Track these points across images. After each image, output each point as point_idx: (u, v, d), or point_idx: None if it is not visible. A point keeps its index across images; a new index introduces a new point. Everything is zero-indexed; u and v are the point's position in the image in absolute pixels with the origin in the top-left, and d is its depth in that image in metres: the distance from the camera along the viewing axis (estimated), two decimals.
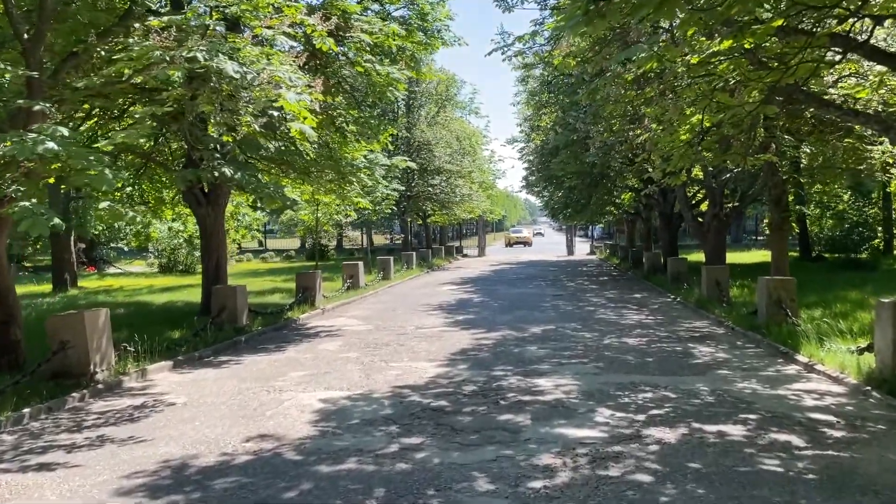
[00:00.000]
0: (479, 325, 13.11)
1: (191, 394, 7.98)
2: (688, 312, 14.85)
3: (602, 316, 14.39)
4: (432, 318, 14.31)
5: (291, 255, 40.11)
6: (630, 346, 10.68)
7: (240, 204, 21.35)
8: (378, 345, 11.18)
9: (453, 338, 11.68)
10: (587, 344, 10.87)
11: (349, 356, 10.21)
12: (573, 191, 25.01)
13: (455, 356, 10.01)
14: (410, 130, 32.56)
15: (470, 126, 39.73)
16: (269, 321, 13.48)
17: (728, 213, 19.06)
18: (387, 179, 26.56)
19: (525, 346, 10.70)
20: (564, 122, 18.36)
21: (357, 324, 13.84)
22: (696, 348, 10.44)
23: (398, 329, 12.88)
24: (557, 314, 14.74)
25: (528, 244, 62.99)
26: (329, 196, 17.34)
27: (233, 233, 23.84)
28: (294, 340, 11.91)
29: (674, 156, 9.16)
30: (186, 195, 14.17)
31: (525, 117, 28.04)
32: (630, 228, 36.40)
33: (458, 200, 33.84)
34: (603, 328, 12.60)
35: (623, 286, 21.45)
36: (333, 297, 17.59)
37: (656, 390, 7.64)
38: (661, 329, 12.43)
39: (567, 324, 13.16)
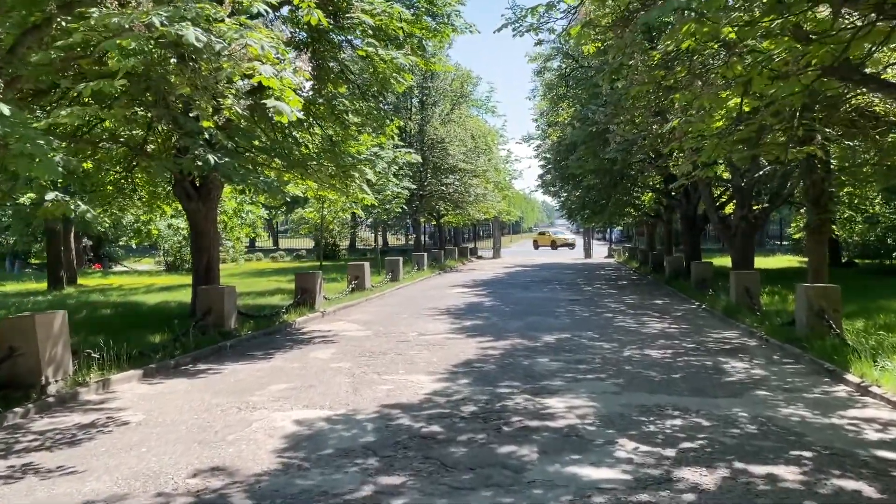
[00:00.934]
0: (488, 333, 12.06)
1: (151, 410, 7.00)
2: (715, 321, 13.69)
3: (621, 324, 13.27)
4: (437, 324, 13.27)
5: (302, 254, 39.27)
6: (653, 359, 9.57)
7: (243, 201, 20.51)
8: (374, 353, 10.16)
9: (457, 346, 10.64)
10: (605, 356, 9.78)
11: (340, 366, 9.20)
12: (591, 190, 23.84)
13: (457, 368, 8.96)
14: (424, 127, 31.58)
15: (485, 125, 38.66)
16: (262, 325, 12.52)
17: (757, 215, 17.85)
18: (397, 177, 25.67)
19: (536, 358, 9.63)
20: (583, 117, 17.24)
21: (356, 329, 12.84)
22: (728, 363, 9.31)
23: (399, 335, 11.86)
24: (573, 321, 13.64)
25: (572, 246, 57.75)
26: (332, 192, 16.36)
27: (237, 230, 23.02)
28: (284, 347, 10.93)
29: (706, 146, 8.06)
30: (176, 189, 13.28)
31: (541, 112, 26.87)
32: (650, 231, 35.14)
33: (472, 200, 32.77)
34: (622, 337, 11.50)
35: (643, 291, 20.28)
36: (336, 300, 16.62)
37: (686, 415, 6.54)
38: (687, 339, 11.31)
39: (583, 332, 12.06)
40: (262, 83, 7.64)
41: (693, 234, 23.87)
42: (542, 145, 28.48)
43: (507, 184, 48.45)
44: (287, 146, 12.27)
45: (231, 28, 6.78)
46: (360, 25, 12.05)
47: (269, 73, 6.68)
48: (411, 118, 32.15)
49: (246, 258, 36.81)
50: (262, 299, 16.94)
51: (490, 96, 52.34)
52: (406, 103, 31.97)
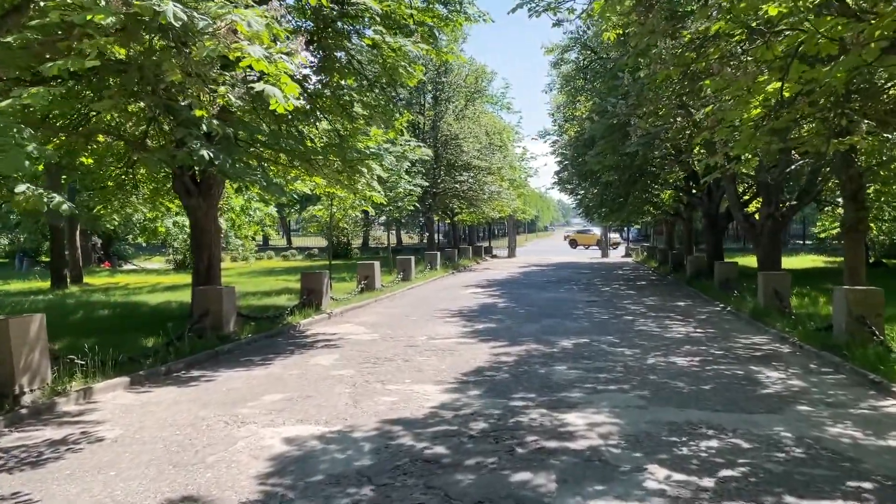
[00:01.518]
0: (501, 337, 11.38)
1: (131, 424, 6.40)
2: (742, 325, 12.92)
3: (643, 327, 12.54)
4: (448, 327, 12.61)
5: (315, 253, 38.76)
6: (680, 367, 8.85)
7: (251, 198, 19.98)
8: (380, 360, 9.52)
9: (469, 352, 9.97)
10: (627, 364, 9.07)
11: (342, 374, 8.57)
12: (610, 187, 23.05)
13: (467, 377, 8.29)
14: (437, 124, 30.91)
15: (501, 121, 37.91)
16: (264, 327, 11.92)
17: (784, 213, 17.02)
18: (409, 174, 25.05)
19: (553, 366, 8.94)
20: (602, 110, 16.51)
21: (362, 332, 12.21)
22: (762, 372, 8.57)
23: (407, 339, 11.21)
24: (591, 324, 12.93)
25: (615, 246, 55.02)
26: (340, 189, 15.74)
27: (245, 229, 22.50)
28: (285, 352, 10.31)
29: (741, 136, 7.33)
30: (176, 184, 12.72)
31: (558, 106, 26.09)
32: (669, 230, 34.26)
33: (486, 198, 32.04)
34: (645, 343, 10.78)
35: (664, 292, 19.50)
36: (344, 300, 16.01)
37: (723, 435, 5.83)
38: (715, 345, 10.57)
39: (602, 337, 11.36)
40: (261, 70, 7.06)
41: (715, 232, 23.03)
42: (559, 141, 27.70)
43: (522, 182, 47.67)
44: (290, 139, 11.65)
45: (216, 3, 6.16)
46: (367, 12, 11.43)
47: (259, 55, 6.05)
48: (424, 114, 31.50)
49: (257, 257, 36.37)
50: (267, 300, 16.37)
51: (505, 92, 51.62)
52: (419, 99, 31.32)
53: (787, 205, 17.06)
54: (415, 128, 31.35)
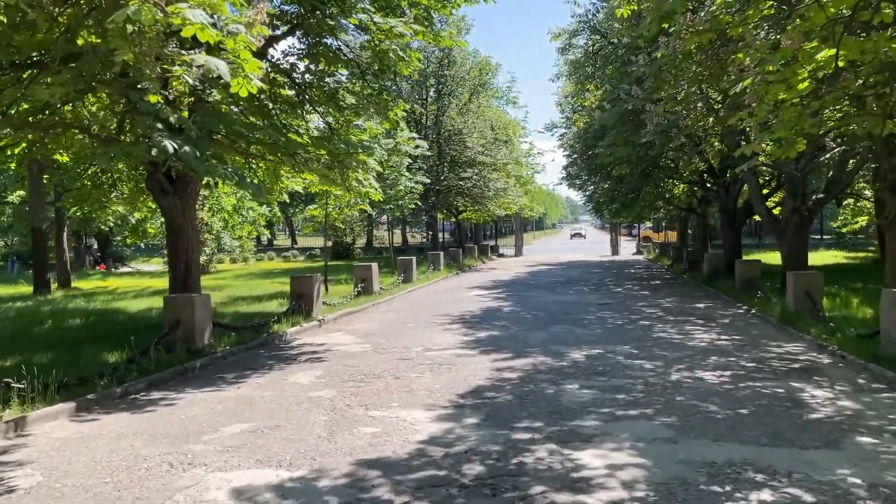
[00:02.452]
0: (505, 347, 10.27)
1: (57, 467, 5.33)
2: (771, 330, 11.76)
3: (661, 334, 11.40)
4: (448, 336, 11.51)
5: (316, 253, 37.73)
6: (709, 384, 7.72)
7: (243, 197, 18.96)
8: (367, 376, 8.42)
9: (468, 367, 8.86)
10: (648, 381, 7.94)
11: (321, 396, 7.48)
12: (622, 182, 21.86)
13: (464, 399, 7.19)
14: (440, 118, 29.79)
15: (506, 115, 36.76)
16: (245, 338, 10.85)
17: (811, 207, 15.81)
18: (410, 171, 23.99)
19: (563, 384, 7.82)
20: (614, 97, 15.34)
21: (353, 342, 11.12)
22: (805, 390, 7.43)
23: (401, 351, 10.12)
24: (605, 331, 11.80)
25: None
26: (334, 187, 14.67)
27: (238, 229, 21.49)
28: (264, 367, 9.23)
29: (783, 114, 6.18)
30: (149, 182, 11.64)
31: (565, 96, 24.88)
32: (682, 226, 33.04)
33: (491, 195, 30.90)
34: (666, 353, 9.64)
35: (680, 293, 18.33)
36: (338, 305, 14.93)
37: (775, 481, 4.71)
38: (744, 355, 9.42)
39: (618, 346, 10.22)
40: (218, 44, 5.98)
41: (733, 228, 21.84)
42: (567, 134, 26.40)
43: (529, 178, 46.49)
44: (270, 131, 10.56)
45: None
46: None
47: (201, 20, 4.95)
48: (427, 108, 30.40)
49: (258, 258, 35.39)
50: (257, 305, 15.31)
51: (511, 86, 50.34)
52: (421, 93, 30.23)
53: (815, 198, 15.85)
54: (417, 123, 30.26)
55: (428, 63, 29.92)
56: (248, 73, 6.32)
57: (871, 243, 33.98)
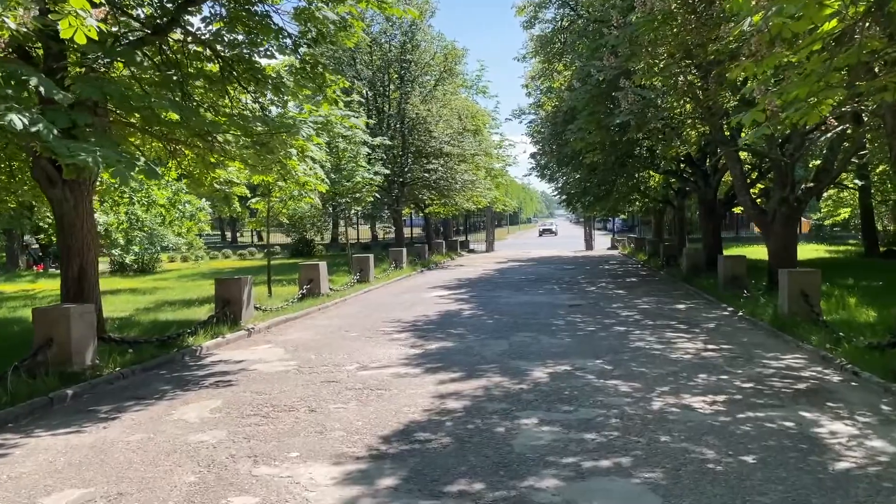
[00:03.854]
0: (456, 363, 8.62)
1: None
2: (763, 337, 10.27)
3: (640, 343, 9.83)
4: (392, 348, 9.83)
5: (276, 250, 35.74)
6: (701, 416, 6.14)
7: (179, 190, 17.10)
8: (276, 409, 6.72)
9: (405, 393, 7.20)
10: (625, 411, 6.34)
11: (204, 441, 5.77)
12: (594, 172, 20.30)
13: (388, 445, 5.52)
14: (403, 107, 28.04)
15: (475, 105, 35.06)
16: (145, 356, 9.06)
17: (800, 197, 14.37)
18: (370, 162, 22.28)
19: (518, 418, 6.19)
20: (584, 75, 13.75)
21: (278, 358, 9.39)
22: (820, 423, 5.89)
23: (330, 371, 8.42)
24: (575, 340, 10.21)
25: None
26: (268, 175, 12.92)
27: (177, 225, 19.64)
28: (152, 396, 7.47)
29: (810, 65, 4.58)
30: (35, 170, 9.79)
31: (533, 76, 23.20)
32: (658, 219, 31.68)
33: (458, 188, 29.21)
34: (645, 369, 8.07)
35: (658, 291, 16.84)
36: (276, 311, 13.18)
37: None
38: (738, 372, 7.88)
39: (589, 361, 8.63)
40: None
41: (713, 221, 20.44)
42: (536, 118, 24.66)
43: (500, 171, 44.89)
44: (177, 107, 8.75)
45: None
46: None
47: None
48: (389, 96, 28.64)
49: (212, 255, 33.43)
50: (184, 312, 13.50)
51: (481, 75, 48.80)
52: (383, 79, 28.44)
53: (804, 187, 14.42)
54: (379, 111, 28.50)
55: (390, 47, 28.19)
56: (75, 8, 4.58)
57: (853, 236, 32.94)
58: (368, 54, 27.98)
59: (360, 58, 28.01)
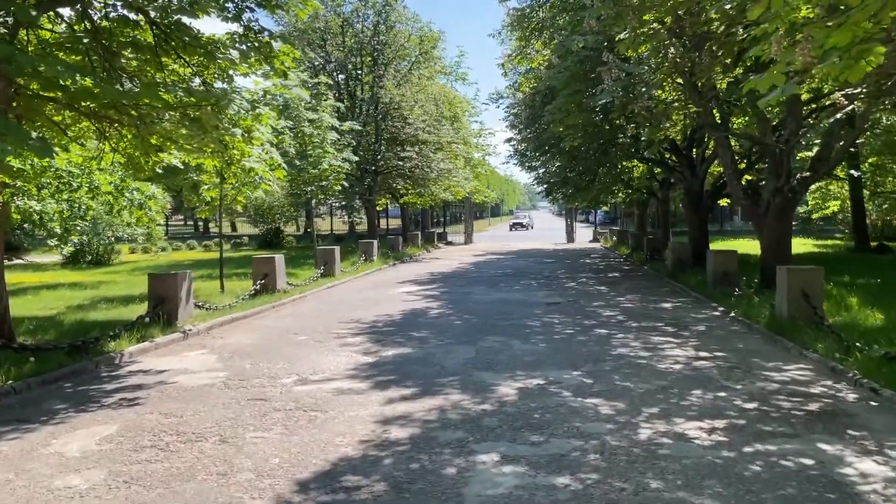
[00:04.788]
0: (412, 376, 7.42)
1: None
2: (760, 342, 9.18)
3: (622, 350, 8.68)
4: (342, 356, 8.60)
5: (244, 241, 34.31)
6: (699, 451, 4.99)
7: (126, 177, 15.72)
8: (178, 439, 5.47)
9: (343, 417, 5.98)
10: (606, 443, 5.17)
11: (72, 486, 4.52)
12: (575, 160, 19.12)
13: (302, 496, 4.31)
14: (376, 91, 26.69)
15: (453, 91, 33.74)
16: (50, 365, 7.74)
17: (795, 188, 13.29)
18: (338, 149, 20.99)
19: (475, 454, 5.00)
20: (564, 51, 12.53)
21: (207, 368, 8.12)
22: (845, 460, 4.78)
23: (261, 385, 7.18)
24: (550, 345, 9.04)
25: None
26: (209, 159, 11.60)
27: (126, 215, 18.25)
28: (37, 418, 6.17)
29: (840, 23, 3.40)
30: None
31: (509, 54, 21.93)
32: (642, 211, 30.64)
33: (434, 177, 27.94)
34: (630, 384, 6.92)
35: (643, 288, 15.74)
36: (225, 309, 11.90)
37: None
38: (738, 387, 6.75)
39: (565, 373, 7.46)
40: None
41: (700, 214, 19.38)
42: (513, 101, 23.30)
43: (480, 160, 43.65)
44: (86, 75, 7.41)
45: None
46: None
47: None
48: (362, 80, 27.29)
49: (175, 247, 31.94)
50: (120, 310, 12.14)
51: (460, 62, 47.45)
52: (355, 62, 27.07)
53: (800, 177, 13.34)
54: (351, 95, 27.14)
55: (363, 28, 26.80)
56: None
57: (839, 230, 32.14)
58: (340, 35, 26.59)
59: (330, 39, 26.61)
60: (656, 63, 8.99)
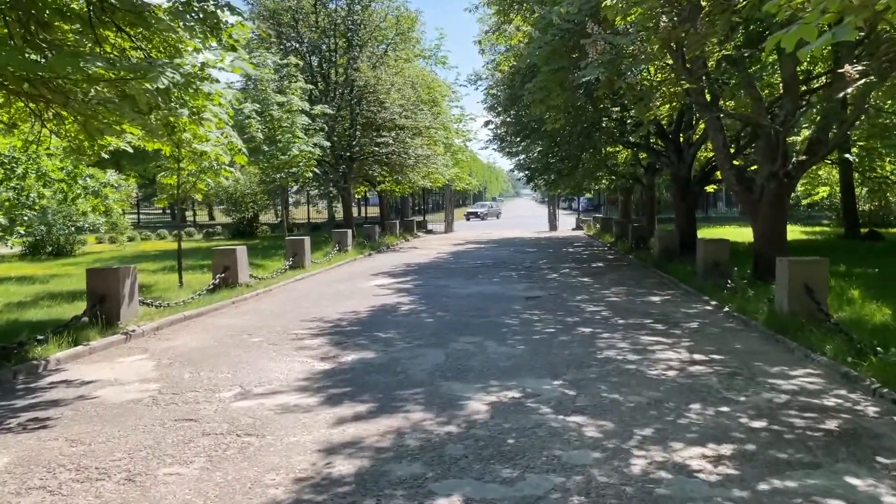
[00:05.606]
0: (369, 388, 6.49)
1: None
2: (760, 342, 8.35)
3: (609, 353, 7.81)
4: (293, 362, 7.66)
5: (217, 230, 33.12)
6: (705, 490, 4.12)
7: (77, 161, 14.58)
8: (75, 477, 4.52)
9: (280, 444, 5.04)
10: (594, 478, 4.28)
11: None
12: (557, 145, 18.19)
13: None
14: (351, 74, 25.57)
15: (431, 74, 32.63)
16: None
17: (790, 172, 12.49)
18: (308, 133, 19.96)
19: (432, 498, 4.08)
20: (545, 24, 11.53)
21: (138, 379, 7.13)
22: (882, 499, 3.91)
23: (195, 400, 6.22)
24: (529, 348, 8.14)
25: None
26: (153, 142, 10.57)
27: (81, 204, 17.09)
28: None
29: None
30: None
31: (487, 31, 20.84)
32: (626, 198, 29.83)
33: (412, 163, 26.90)
34: (618, 395, 6.04)
35: (628, 279, 14.90)
36: (179, 306, 10.89)
37: None
38: (741, 400, 5.90)
39: (545, 382, 6.57)
40: None
41: (687, 201, 18.58)
42: (492, 81, 22.14)
43: (461, 147, 42.62)
44: None
45: None
46: None
47: None
48: (336, 62, 26.16)
49: (144, 237, 30.74)
50: (63, 308, 11.07)
51: (440, 45, 46.34)
52: (329, 42, 25.91)
53: (797, 160, 12.53)
54: (325, 78, 26.01)
55: (336, 7, 25.63)
56: None
57: (825, 216, 31.57)
58: (312, 14, 25.40)
59: (302, 19, 25.42)
60: (646, 33, 8.08)
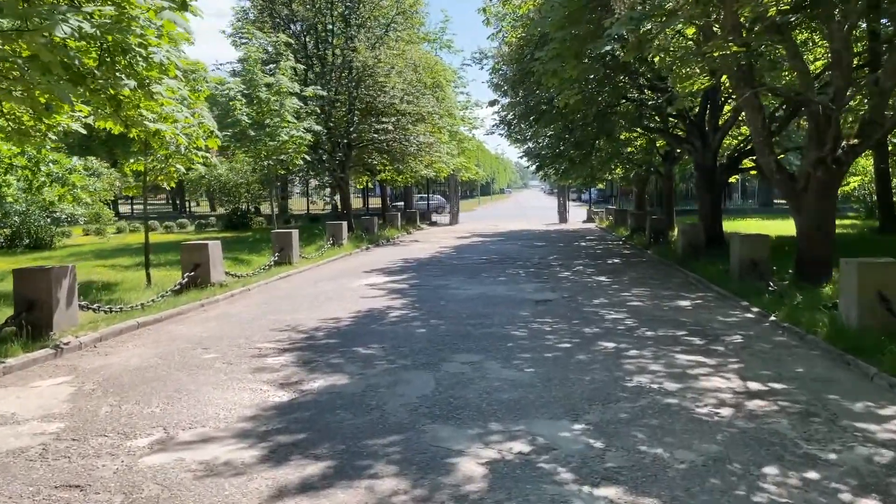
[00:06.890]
0: (329, 437, 4.95)
1: None
2: (827, 364, 6.75)
3: (641, 379, 6.22)
4: (243, 391, 6.10)
5: (211, 222, 31.60)
6: None
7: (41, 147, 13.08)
8: None
9: None
10: None
11: None
12: (569, 130, 16.52)
13: None
14: (347, 53, 23.94)
15: (435, 57, 30.91)
16: None
17: (840, 159, 10.83)
18: (299, 117, 18.45)
19: None
20: None
21: (38, 416, 5.59)
22: None
23: (100, 450, 4.69)
24: (540, 372, 6.56)
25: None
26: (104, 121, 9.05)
27: (47, 192, 15.59)
28: None
29: None
30: None
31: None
32: (641, 189, 28.12)
33: (413, 151, 25.27)
34: (662, 451, 4.48)
35: (651, 279, 13.29)
36: (134, 311, 9.38)
37: None
38: (832, 459, 4.32)
39: (562, 428, 5.00)
40: None
41: (713, 192, 16.91)
42: (498, 57, 20.32)
43: (467, 135, 40.92)
44: None
45: None
46: None
47: None
48: (332, 42, 24.53)
49: (132, 228, 29.28)
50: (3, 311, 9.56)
51: (445, 27, 44.61)
52: (325, 21, 24.27)
53: (847, 144, 10.87)
54: (321, 60, 24.39)
55: None
56: None
57: (850, 207, 29.77)
58: None
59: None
60: None
